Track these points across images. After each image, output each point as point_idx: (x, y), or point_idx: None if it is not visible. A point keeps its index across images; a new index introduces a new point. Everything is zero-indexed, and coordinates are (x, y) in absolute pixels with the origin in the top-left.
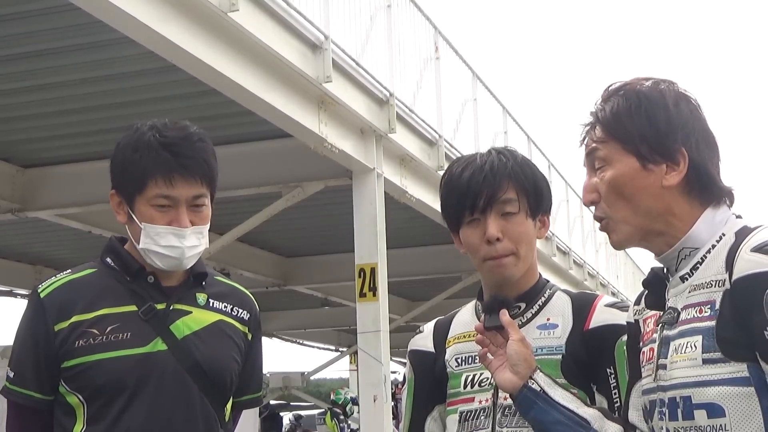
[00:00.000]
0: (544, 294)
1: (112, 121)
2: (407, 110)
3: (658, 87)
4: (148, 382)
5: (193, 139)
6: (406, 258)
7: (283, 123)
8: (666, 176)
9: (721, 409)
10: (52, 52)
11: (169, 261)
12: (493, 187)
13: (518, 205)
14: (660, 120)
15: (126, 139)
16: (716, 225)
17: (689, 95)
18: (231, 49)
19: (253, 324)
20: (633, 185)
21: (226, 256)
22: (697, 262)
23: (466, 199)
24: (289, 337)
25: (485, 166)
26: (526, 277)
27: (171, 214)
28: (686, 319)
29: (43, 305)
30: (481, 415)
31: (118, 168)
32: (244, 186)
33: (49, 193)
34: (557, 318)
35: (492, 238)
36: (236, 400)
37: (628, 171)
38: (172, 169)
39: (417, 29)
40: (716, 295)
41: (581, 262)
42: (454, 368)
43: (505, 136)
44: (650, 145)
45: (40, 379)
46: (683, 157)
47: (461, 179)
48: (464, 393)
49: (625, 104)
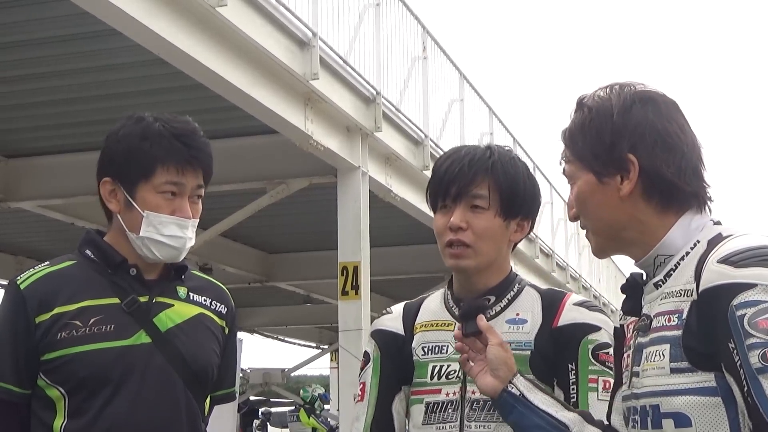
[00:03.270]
0: (513, 288)
1: (98, 113)
2: (394, 109)
3: (610, 94)
4: (132, 374)
5: (200, 133)
6: (389, 257)
7: (269, 119)
8: (620, 186)
9: (687, 419)
10: (37, 43)
11: (169, 251)
12: (466, 179)
13: (488, 202)
14: (605, 131)
15: (128, 129)
16: (692, 232)
17: (653, 96)
18: (218, 44)
19: (230, 319)
20: (593, 200)
21: (209, 251)
22: (671, 269)
23: (440, 185)
24: (271, 334)
25: (465, 158)
26: (491, 272)
27: (175, 203)
28: (656, 327)
29: (24, 297)
30: (448, 407)
31: (119, 155)
32: (229, 181)
33: (33, 184)
34: (526, 313)
35: (453, 226)
36: (211, 395)
37: (587, 187)
38: (184, 159)
39: (405, 28)
40: (684, 305)
41: (564, 264)
42: (420, 357)
43: (491, 137)
44: (600, 158)
45: (18, 373)
46: (633, 164)
47: (442, 167)
48: (431, 384)
49: (579, 120)
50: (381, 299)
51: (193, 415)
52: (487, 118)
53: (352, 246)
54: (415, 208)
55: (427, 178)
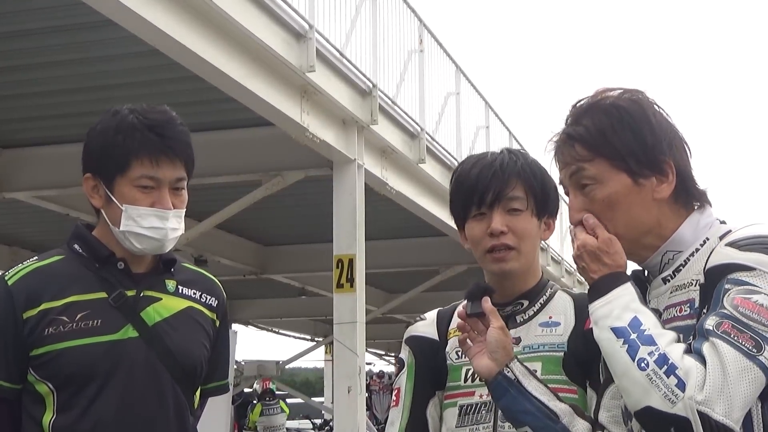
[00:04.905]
0: (546, 292)
1: (92, 104)
2: (390, 102)
3: (634, 99)
4: (119, 369)
5: (176, 122)
6: (384, 250)
7: (265, 111)
8: (656, 189)
9: None
10: (32, 33)
11: (151, 243)
12: (502, 184)
13: (525, 203)
14: (645, 133)
15: (105, 123)
16: (701, 229)
17: (655, 101)
18: (214, 36)
19: (221, 311)
20: (627, 201)
21: (204, 243)
22: (680, 264)
23: (474, 193)
24: (265, 326)
25: (495, 163)
26: (528, 275)
27: (154, 195)
28: (667, 319)
29: (11, 293)
30: (482, 409)
31: (96, 151)
32: (224, 173)
33: (27, 175)
34: (559, 316)
35: (496, 231)
36: (203, 388)
37: (621, 188)
38: (158, 150)
39: (402, 21)
40: (695, 294)
41: (559, 258)
42: (454, 360)
43: (487, 131)
44: (639, 159)
45: (8, 368)
46: (671, 167)
47: (470, 175)
48: (464, 387)
49: (608, 121)
50: (376, 292)
51: (181, 409)
52: (483, 111)
53: (348, 239)
54: (411, 201)
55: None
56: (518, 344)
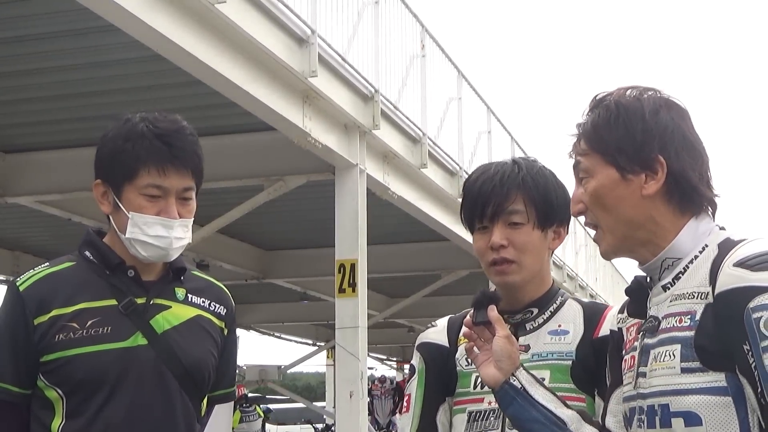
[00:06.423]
0: (556, 301)
1: (95, 109)
2: (392, 107)
3: (639, 96)
4: (128, 376)
5: (186, 132)
6: (386, 254)
7: (267, 116)
8: (645, 185)
9: (698, 418)
10: (36, 38)
11: (156, 251)
12: (501, 198)
13: (526, 216)
14: (636, 130)
15: (116, 130)
16: (699, 236)
17: (674, 102)
18: (217, 41)
19: (229, 319)
20: (613, 196)
21: (206, 248)
22: (680, 271)
23: (476, 207)
24: (267, 331)
25: (496, 177)
26: (536, 284)
27: (160, 204)
28: (666, 328)
29: (23, 298)
30: (490, 416)
31: (106, 157)
32: (227, 178)
33: (30, 179)
34: (568, 325)
35: (495, 245)
36: (210, 395)
37: (608, 182)
38: (165, 159)
39: (404, 26)
40: (698, 307)
41: (561, 263)
42: (464, 367)
43: (489, 136)
44: (627, 155)
45: (18, 373)
46: (661, 165)
47: (474, 188)
48: (474, 393)
49: (605, 115)
50: (378, 297)
51: (189, 417)
52: (485, 116)
53: (350, 243)
54: (413, 205)
55: (425, 175)
56: (527, 352)
